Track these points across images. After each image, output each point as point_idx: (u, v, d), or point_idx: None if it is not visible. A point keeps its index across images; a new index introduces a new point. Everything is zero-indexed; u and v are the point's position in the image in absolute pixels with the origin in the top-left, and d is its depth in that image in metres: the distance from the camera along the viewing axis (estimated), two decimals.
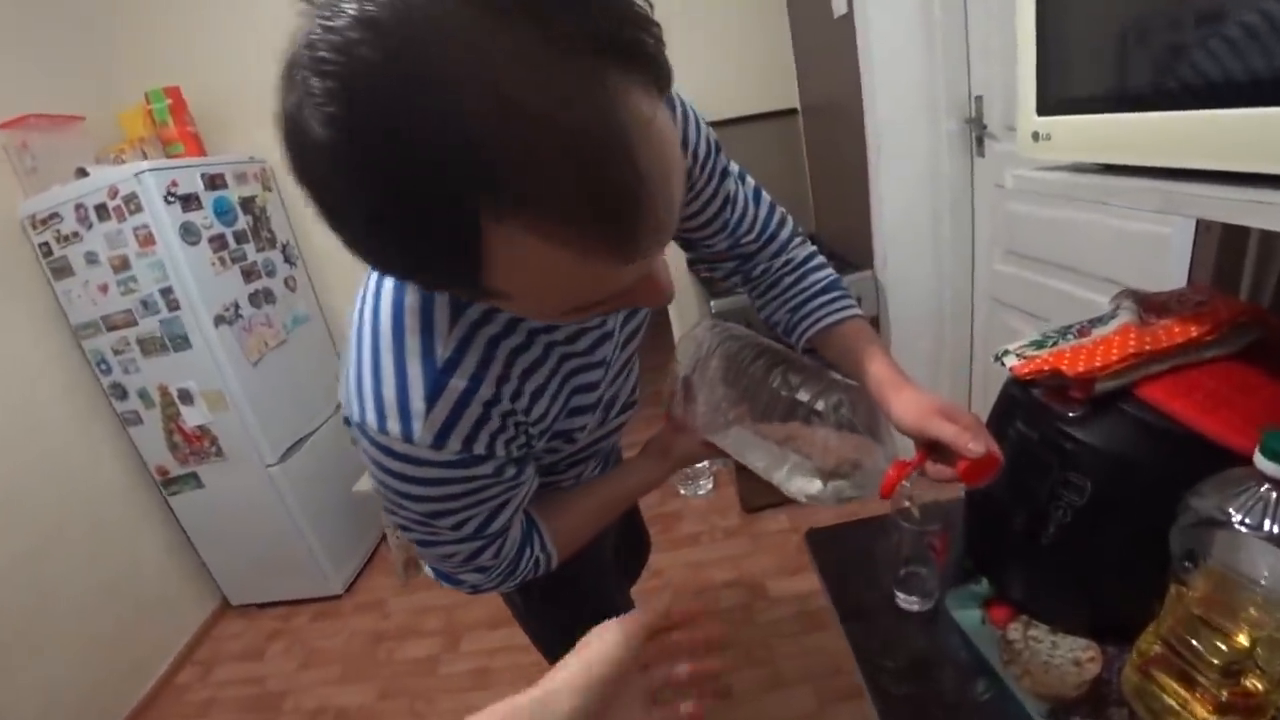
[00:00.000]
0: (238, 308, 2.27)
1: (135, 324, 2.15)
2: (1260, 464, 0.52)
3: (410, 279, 0.40)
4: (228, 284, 2.26)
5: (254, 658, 2.45)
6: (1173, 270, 1.19)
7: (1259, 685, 0.58)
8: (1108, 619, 0.74)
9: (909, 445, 0.72)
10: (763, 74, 2.65)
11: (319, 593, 2.62)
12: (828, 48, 2.19)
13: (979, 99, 1.80)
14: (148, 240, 2.04)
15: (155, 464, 2.37)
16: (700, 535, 2.52)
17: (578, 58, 0.33)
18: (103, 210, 2.04)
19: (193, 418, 2.25)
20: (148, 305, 2.12)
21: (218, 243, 2.23)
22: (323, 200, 0.37)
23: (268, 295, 2.45)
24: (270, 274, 2.50)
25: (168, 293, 2.10)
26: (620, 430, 0.92)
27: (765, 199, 0.86)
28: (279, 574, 2.57)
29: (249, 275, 2.37)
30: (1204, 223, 1.00)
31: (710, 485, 2.74)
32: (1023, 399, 0.74)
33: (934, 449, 0.69)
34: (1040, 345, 0.74)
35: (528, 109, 0.32)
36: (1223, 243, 0.96)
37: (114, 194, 2.02)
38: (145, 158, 2.25)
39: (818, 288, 0.85)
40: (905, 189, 1.98)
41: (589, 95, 0.33)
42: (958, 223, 1.99)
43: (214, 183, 2.27)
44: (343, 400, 0.61)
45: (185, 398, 2.22)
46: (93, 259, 2.09)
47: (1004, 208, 1.80)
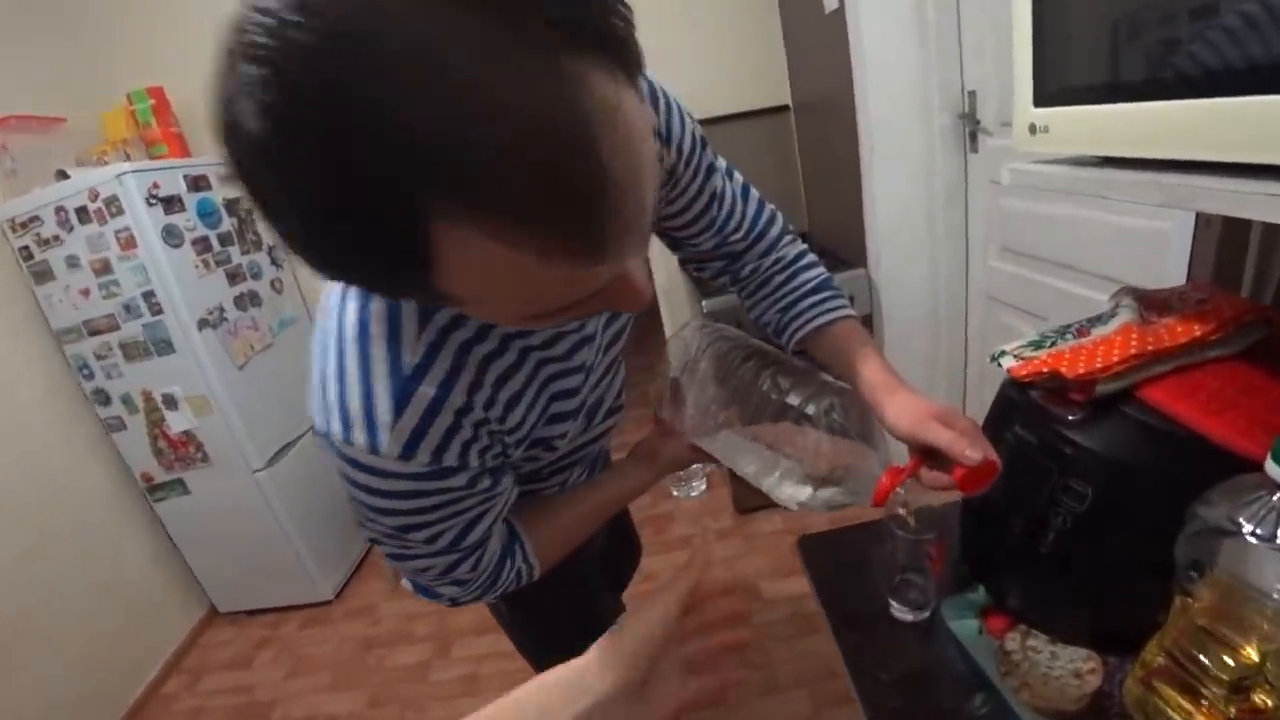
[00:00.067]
0: (222, 311, 2.24)
1: (118, 328, 2.11)
2: (1272, 471, 0.50)
3: (355, 283, 0.37)
4: (212, 287, 2.22)
5: (242, 666, 2.41)
6: (1172, 267, 1.17)
7: (1269, 701, 0.56)
8: (1109, 629, 0.71)
9: (903, 450, 0.69)
10: (754, 70, 2.62)
11: (308, 599, 2.59)
12: (819, 43, 2.17)
13: (972, 94, 1.79)
14: (129, 243, 2.01)
15: (140, 470, 2.34)
16: (692, 537, 2.50)
17: (532, 39, 0.30)
18: (83, 213, 2.00)
19: (177, 423, 2.21)
20: (130, 309, 2.08)
21: (201, 245, 2.20)
22: (259, 197, 0.34)
23: (253, 298, 2.42)
24: (256, 276, 2.46)
25: (150, 296, 2.06)
26: (607, 435, 0.89)
27: (754, 196, 0.83)
28: (267, 581, 2.54)
29: (234, 278, 2.33)
30: (1204, 218, 0.98)
31: (703, 487, 2.72)
32: (1020, 401, 0.71)
33: (929, 455, 0.66)
34: (1038, 345, 0.72)
35: (475, 96, 0.29)
36: (1223, 238, 0.94)
37: (94, 196, 1.98)
38: (128, 159, 2.21)
39: (808, 287, 0.82)
40: (898, 186, 1.96)
41: (544, 80, 0.30)
42: (952, 219, 1.97)
43: (197, 184, 2.23)
44: (310, 409, 0.58)
45: (169, 403, 2.19)
46: (74, 263, 2.06)
47: (999, 204, 1.78)
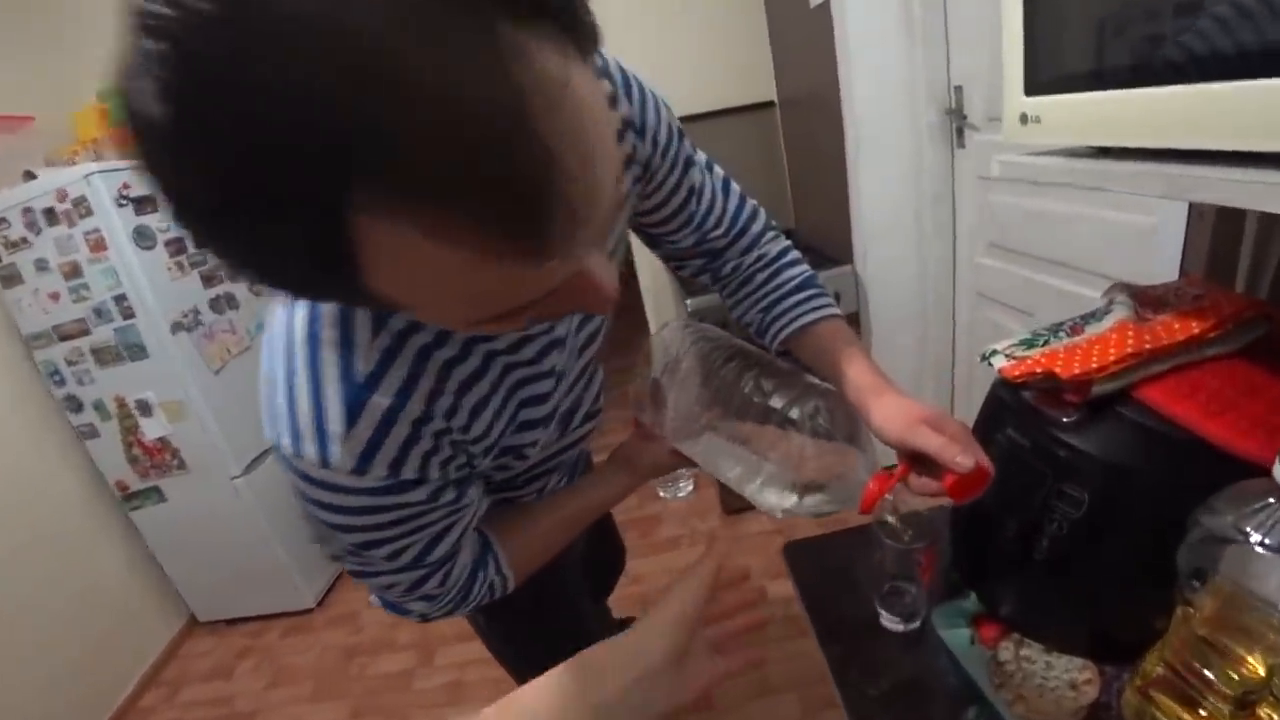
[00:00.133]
0: (198, 314, 2.19)
1: (89, 333, 2.06)
2: None
3: (279, 287, 0.33)
4: (186, 290, 2.17)
5: (222, 676, 2.36)
6: (1163, 261, 1.15)
7: (1275, 716, 0.53)
8: (1106, 637, 0.69)
9: (890, 453, 0.66)
10: (739, 66, 2.58)
11: (290, 607, 2.54)
12: (805, 38, 2.14)
13: (959, 89, 1.76)
14: (99, 245, 1.96)
15: (114, 478, 2.28)
16: (680, 539, 2.47)
17: (463, 5, 0.27)
18: (51, 215, 1.95)
19: (152, 430, 2.16)
20: (101, 313, 2.03)
21: (175, 247, 2.14)
22: (167, 190, 0.30)
23: (230, 300, 2.36)
24: (233, 278, 2.40)
25: (122, 300, 2.01)
26: (585, 440, 0.86)
27: (735, 191, 0.80)
28: (248, 589, 2.49)
29: (209, 280, 2.28)
30: (1197, 211, 0.96)
31: (690, 487, 2.68)
32: (1012, 403, 0.68)
33: (918, 460, 0.63)
34: (1030, 345, 0.69)
35: (394, 70, 0.26)
36: (1216, 232, 0.92)
37: (63, 197, 1.93)
38: (98, 159, 2.15)
39: (791, 285, 0.79)
40: (885, 182, 1.93)
41: (476, 51, 0.27)
42: (939, 216, 1.95)
43: None
44: (261, 421, 0.55)
45: (144, 409, 2.13)
46: (43, 266, 2.00)
47: (986, 200, 1.76)
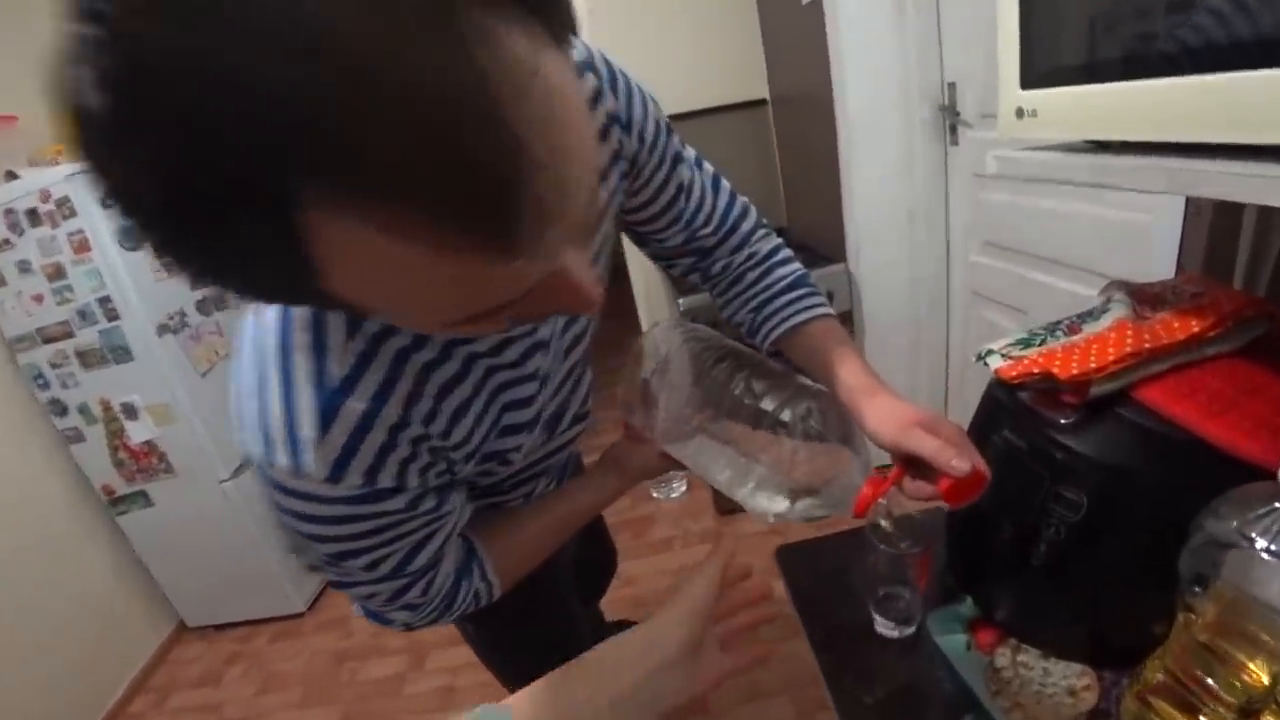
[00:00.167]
0: (184, 316, 2.16)
1: (73, 335, 2.03)
2: None
3: (235, 291, 0.31)
4: (172, 291, 2.14)
5: (211, 683, 2.34)
6: (1158, 259, 1.14)
7: None
8: (1105, 643, 0.67)
9: (884, 455, 0.65)
10: (731, 63, 2.56)
11: (280, 611, 2.51)
12: (797, 35, 2.12)
13: (952, 86, 1.75)
14: (83, 246, 1.93)
15: (100, 483, 2.25)
16: (673, 540, 2.44)
17: None
18: (34, 215, 1.92)
19: (138, 433, 2.13)
20: (85, 315, 2.00)
21: None
22: (110, 187, 0.28)
23: (218, 302, 2.33)
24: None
25: (106, 302, 1.98)
26: (574, 443, 0.84)
27: (725, 188, 0.78)
28: (238, 594, 2.46)
29: None
30: (1193, 208, 0.94)
31: (683, 488, 2.66)
32: (1009, 404, 0.67)
33: (913, 463, 0.62)
34: (1027, 344, 0.67)
35: (345, 55, 0.24)
36: (1213, 229, 0.90)
37: (46, 198, 1.90)
38: None
39: (783, 284, 0.77)
40: (878, 179, 1.92)
41: (437, 34, 0.25)
42: (932, 213, 1.93)
43: None
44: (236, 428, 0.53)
45: (129, 412, 2.11)
46: (25, 268, 1.97)
47: (980, 197, 1.75)
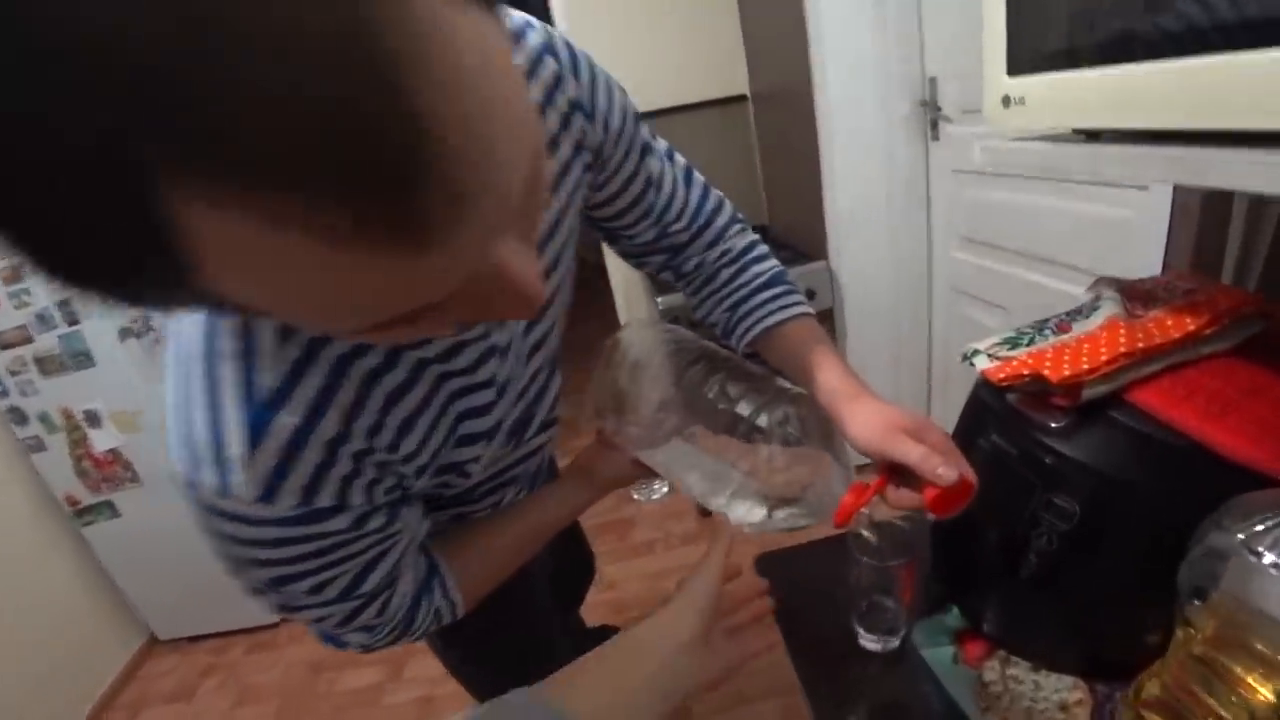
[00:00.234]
0: (147, 319, 2.08)
1: (31, 341, 1.95)
2: None
3: (100, 294, 0.26)
4: None
5: (185, 697, 2.27)
6: (1142, 256, 1.12)
7: None
8: (1098, 656, 0.64)
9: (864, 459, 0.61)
10: (710, 58, 2.52)
11: (255, 621, 2.44)
12: (777, 29, 2.09)
13: (933, 80, 1.73)
14: None
15: (64, 493, 2.17)
16: (655, 543, 2.41)
17: None
18: None
19: (102, 441, 2.06)
20: (44, 320, 1.93)
21: None
22: None
23: None
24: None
25: (65, 305, 1.91)
26: (543, 450, 0.80)
27: (698, 181, 0.74)
28: (211, 604, 2.38)
29: None
30: (1180, 204, 0.92)
31: (665, 489, 2.63)
32: (996, 406, 0.64)
33: (896, 471, 0.58)
34: (1015, 344, 0.64)
35: (198, 4, 0.20)
36: (1202, 225, 0.88)
37: None
38: None
39: (759, 282, 0.74)
40: (858, 175, 1.89)
41: None
42: (913, 209, 1.92)
43: None
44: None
45: (92, 420, 2.04)
46: None
47: (961, 193, 1.73)
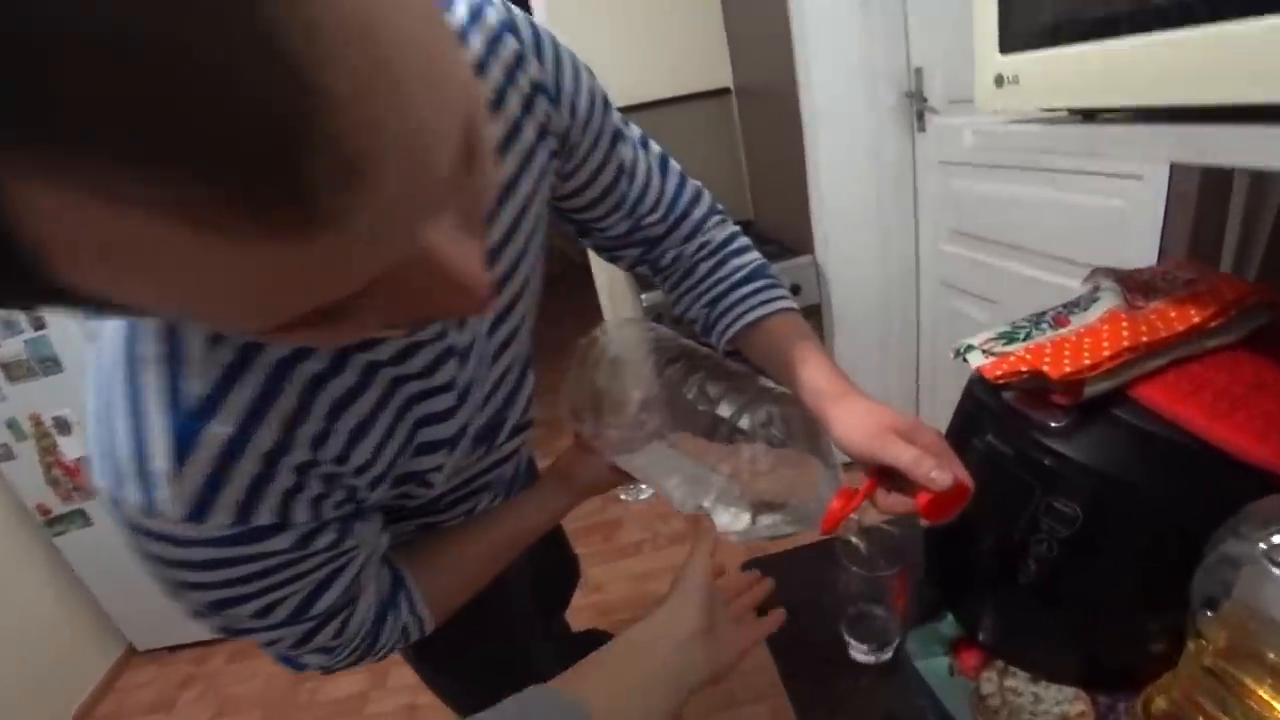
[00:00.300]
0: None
1: None
2: None
3: None
4: None
5: (164, 709, 2.22)
6: (1135, 246, 1.09)
7: None
8: (1101, 666, 0.61)
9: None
10: (692, 50, 2.48)
11: None
12: (759, 20, 2.06)
13: (919, 71, 1.71)
14: None
15: (34, 502, 2.11)
16: (643, 543, 2.38)
17: None
18: None
19: (72, 449, 2.01)
20: (9, 325, 1.87)
21: None
22: None
23: None
24: None
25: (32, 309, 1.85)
26: (517, 455, 0.76)
27: (674, 170, 0.70)
28: None
29: None
30: (1177, 191, 0.89)
31: (652, 489, 2.59)
32: (992, 405, 0.60)
33: (887, 474, 0.55)
34: (1011, 339, 0.60)
35: None
36: (1199, 213, 0.85)
37: None
38: None
39: (739, 276, 0.70)
40: (844, 168, 1.86)
41: None
42: (900, 202, 1.89)
43: None
44: None
45: (62, 427, 1.98)
46: None
47: (949, 185, 1.70)
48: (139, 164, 0.18)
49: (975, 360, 0.60)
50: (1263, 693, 0.47)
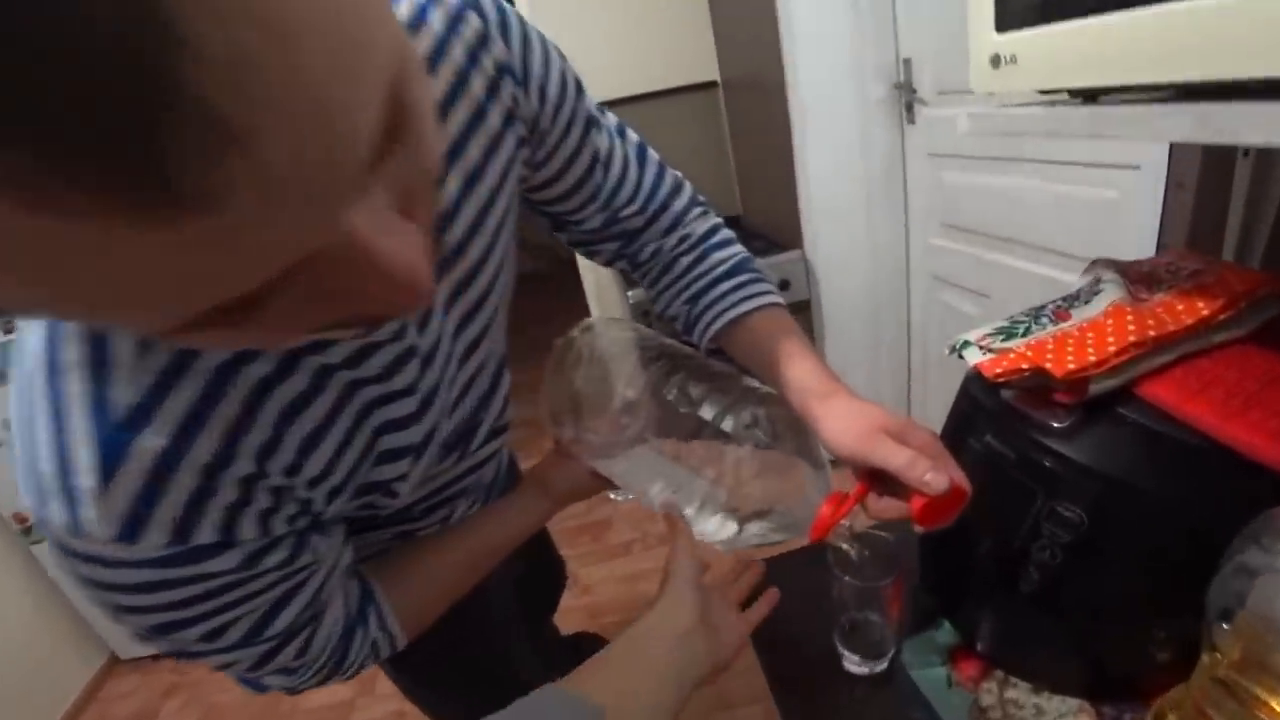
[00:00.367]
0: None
1: None
2: None
3: None
4: None
5: (147, 718, 2.18)
6: (1130, 237, 1.07)
7: None
8: (1105, 676, 0.59)
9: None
10: (678, 43, 2.44)
11: None
12: (746, 12, 2.03)
13: (907, 62, 1.68)
14: None
15: (11, 510, 2.07)
16: (633, 544, 2.35)
17: None
18: None
19: None
20: None
21: None
22: None
23: None
24: None
25: (2, 312, 1.81)
26: (496, 459, 0.73)
27: (652, 160, 0.67)
28: None
29: None
30: (1176, 180, 0.86)
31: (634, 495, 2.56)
32: (990, 404, 0.57)
33: (879, 477, 0.52)
34: (1010, 334, 0.57)
35: None
36: (1199, 203, 0.82)
37: None
38: None
39: (721, 270, 0.67)
40: (833, 162, 1.83)
41: None
42: (890, 195, 1.86)
43: None
44: None
45: None
46: None
47: (939, 178, 1.68)
48: None
49: (972, 357, 0.57)
50: (1276, 705, 0.44)
